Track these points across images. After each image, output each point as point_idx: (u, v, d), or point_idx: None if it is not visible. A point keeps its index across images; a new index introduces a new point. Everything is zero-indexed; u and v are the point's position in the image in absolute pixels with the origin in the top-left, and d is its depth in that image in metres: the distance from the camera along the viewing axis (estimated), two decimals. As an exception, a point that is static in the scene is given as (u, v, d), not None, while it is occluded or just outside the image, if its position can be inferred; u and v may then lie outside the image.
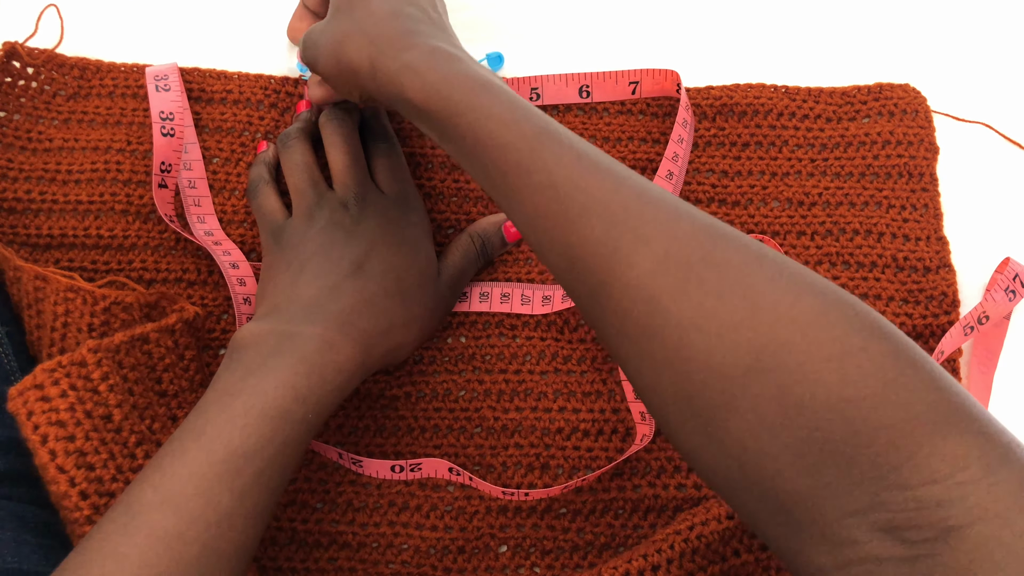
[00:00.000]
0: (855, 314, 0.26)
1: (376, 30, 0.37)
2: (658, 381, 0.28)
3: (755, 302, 0.27)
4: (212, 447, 0.33)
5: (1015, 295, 0.45)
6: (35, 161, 0.48)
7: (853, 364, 0.25)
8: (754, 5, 0.54)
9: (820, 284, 0.27)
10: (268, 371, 0.36)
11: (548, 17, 0.54)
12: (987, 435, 0.24)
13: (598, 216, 0.30)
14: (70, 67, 0.50)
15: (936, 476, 0.23)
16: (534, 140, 0.32)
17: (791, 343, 0.26)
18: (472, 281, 0.47)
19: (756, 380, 0.26)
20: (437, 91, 0.34)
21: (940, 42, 0.53)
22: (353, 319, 0.39)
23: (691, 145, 0.49)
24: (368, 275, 0.41)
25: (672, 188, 0.47)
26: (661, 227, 0.29)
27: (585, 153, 0.32)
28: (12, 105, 0.49)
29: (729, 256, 0.28)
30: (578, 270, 0.31)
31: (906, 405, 0.24)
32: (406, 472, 0.43)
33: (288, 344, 0.37)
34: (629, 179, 0.31)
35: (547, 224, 0.31)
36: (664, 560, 0.39)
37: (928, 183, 0.48)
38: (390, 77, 0.36)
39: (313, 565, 0.43)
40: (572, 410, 0.45)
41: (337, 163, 0.44)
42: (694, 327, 0.27)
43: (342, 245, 0.41)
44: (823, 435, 0.25)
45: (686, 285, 0.28)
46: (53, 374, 0.36)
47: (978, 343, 0.46)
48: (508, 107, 0.33)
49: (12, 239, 0.47)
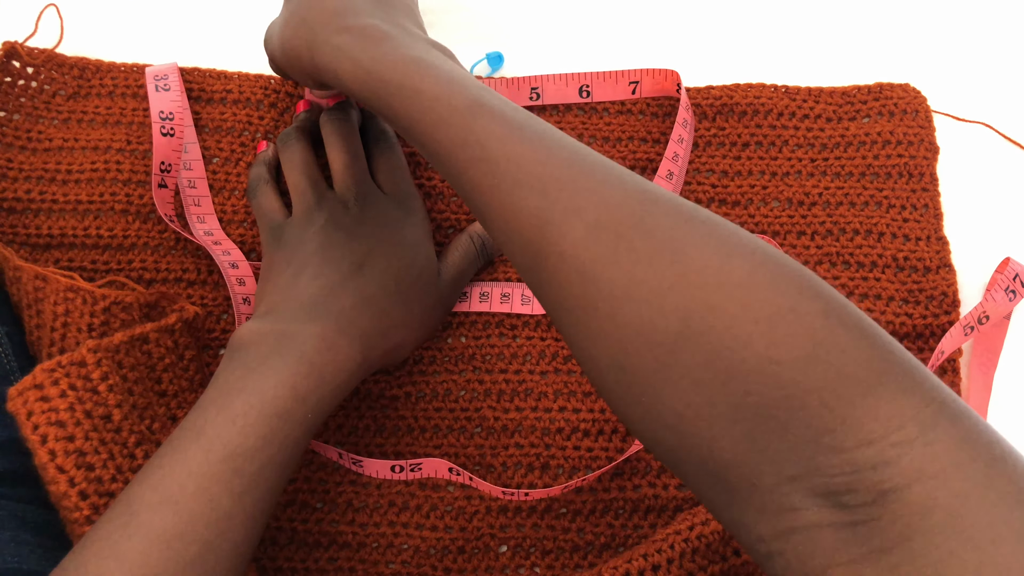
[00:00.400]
0: (784, 274, 0.25)
1: (312, 14, 0.37)
2: (595, 351, 0.28)
3: (684, 266, 0.26)
4: (211, 447, 0.33)
5: (1015, 295, 0.45)
6: (35, 161, 0.48)
7: (782, 325, 0.24)
8: (754, 5, 0.54)
9: (751, 245, 0.26)
10: (267, 370, 0.35)
11: (548, 17, 0.54)
12: (921, 392, 0.23)
13: (530, 187, 0.30)
14: (70, 67, 0.50)
15: (871, 437, 0.23)
16: (466, 113, 0.32)
17: (719, 306, 0.25)
18: (472, 281, 0.47)
19: (686, 346, 0.25)
20: (369, 73, 0.34)
21: (940, 42, 0.53)
22: (353, 319, 0.39)
23: (691, 145, 0.49)
24: (368, 275, 0.41)
25: (672, 188, 0.47)
26: (592, 195, 0.29)
27: (518, 123, 0.31)
28: (12, 105, 0.49)
29: (659, 221, 0.27)
30: (516, 243, 0.30)
31: (837, 366, 0.24)
32: (406, 472, 0.43)
33: (288, 343, 0.37)
34: (563, 148, 0.31)
35: (485, 198, 0.31)
36: (664, 560, 0.39)
37: (928, 183, 0.48)
38: (325, 63, 0.36)
39: (313, 565, 0.43)
40: (572, 410, 0.45)
41: (337, 163, 0.44)
42: (625, 295, 0.27)
43: (342, 245, 0.41)
44: (755, 399, 0.24)
45: (616, 253, 0.27)
46: (53, 374, 0.36)
47: (978, 343, 0.46)
48: (438, 82, 0.33)
49: (12, 239, 0.47)
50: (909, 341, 0.46)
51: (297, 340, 0.37)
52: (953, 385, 0.45)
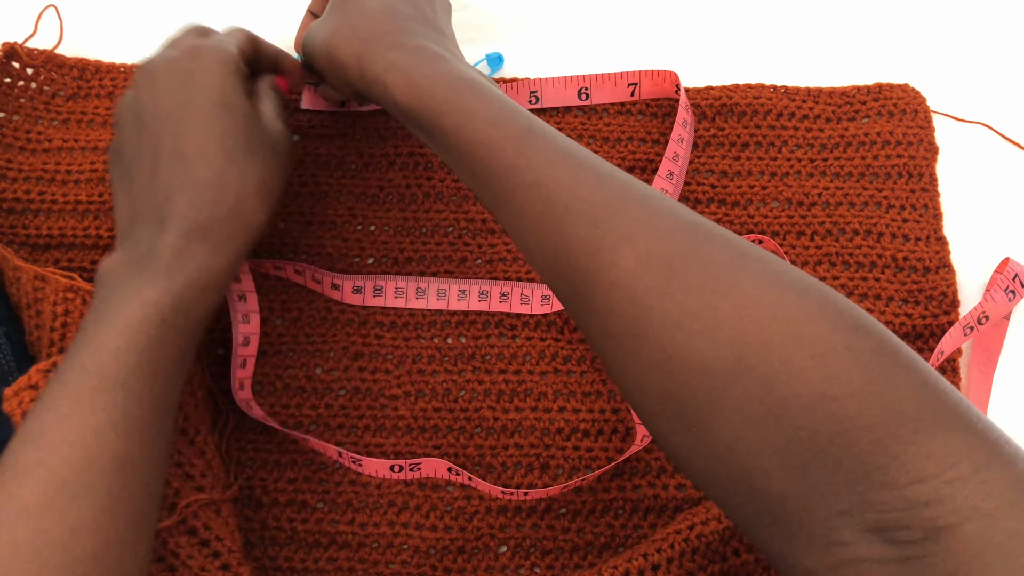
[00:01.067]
0: (839, 311, 0.26)
1: (366, 27, 0.37)
2: (643, 381, 0.28)
3: (738, 300, 0.26)
4: (67, 377, 0.32)
5: (1015, 295, 0.45)
6: (34, 161, 0.48)
7: (837, 361, 0.25)
8: (754, 5, 0.54)
9: (804, 281, 0.27)
10: (122, 295, 0.33)
11: (547, 17, 0.54)
12: (975, 432, 0.23)
13: (582, 214, 0.30)
14: (69, 68, 0.50)
15: (924, 475, 0.23)
16: (519, 139, 0.32)
17: (774, 341, 0.25)
18: (471, 279, 0.47)
19: (740, 379, 0.25)
20: (422, 90, 0.34)
21: (940, 42, 0.53)
22: (174, 208, 0.35)
23: (691, 145, 0.49)
24: (170, 158, 0.36)
25: (672, 188, 0.47)
26: (644, 225, 0.29)
27: (570, 151, 0.32)
28: (11, 106, 0.49)
29: (712, 254, 0.28)
30: (563, 269, 0.30)
31: (892, 402, 0.24)
32: (405, 472, 0.43)
33: (134, 267, 0.34)
34: (613, 177, 0.31)
35: (533, 223, 0.31)
36: (664, 560, 0.39)
37: (928, 183, 0.48)
38: (376, 75, 0.36)
39: (313, 565, 0.43)
40: (572, 410, 0.45)
41: None
42: (677, 326, 0.27)
43: (135, 141, 0.37)
44: (808, 434, 0.24)
45: (669, 284, 0.27)
46: (48, 374, 0.36)
47: (978, 343, 0.46)
48: (494, 106, 0.33)
49: (11, 239, 0.47)
50: (909, 341, 0.46)
51: (141, 260, 0.34)
52: (953, 385, 0.45)
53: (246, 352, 0.45)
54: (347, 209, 0.49)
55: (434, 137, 0.35)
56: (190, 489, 0.39)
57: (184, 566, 0.37)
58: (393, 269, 0.47)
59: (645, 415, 0.29)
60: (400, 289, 0.46)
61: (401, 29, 0.37)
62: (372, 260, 0.48)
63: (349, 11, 0.38)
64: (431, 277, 0.47)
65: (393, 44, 0.36)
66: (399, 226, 0.48)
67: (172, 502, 0.38)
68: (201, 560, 0.38)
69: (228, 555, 0.38)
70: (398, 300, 0.46)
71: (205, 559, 0.38)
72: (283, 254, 0.48)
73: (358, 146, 0.50)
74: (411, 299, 0.46)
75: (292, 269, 0.46)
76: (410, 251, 0.48)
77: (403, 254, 0.48)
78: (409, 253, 0.48)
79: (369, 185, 0.49)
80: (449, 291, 0.46)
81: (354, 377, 0.46)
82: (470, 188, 0.35)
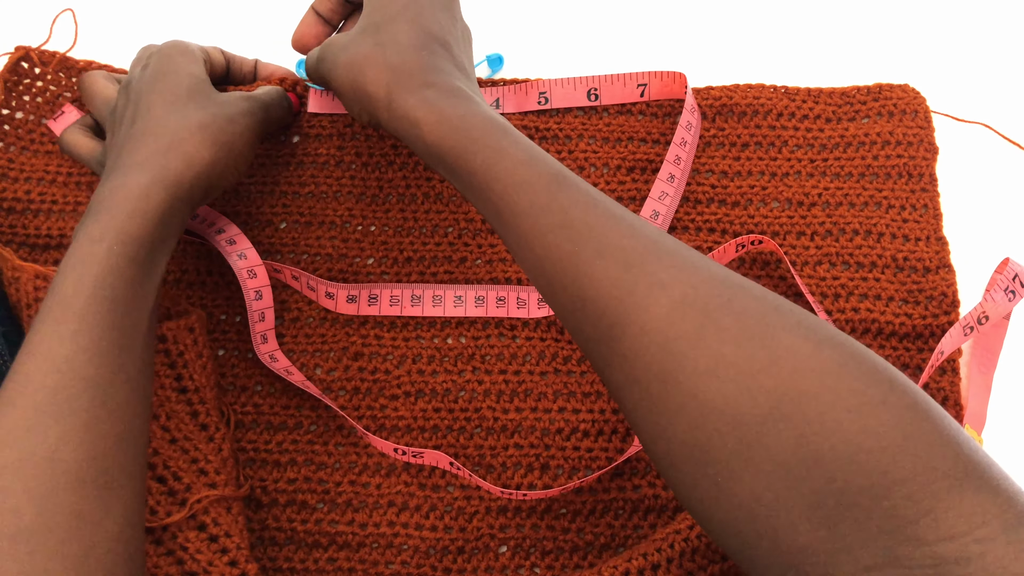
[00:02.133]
0: (874, 367, 0.26)
1: (398, 60, 0.37)
2: (669, 429, 0.28)
3: (774, 350, 0.26)
4: (37, 319, 0.33)
5: (1015, 295, 0.45)
6: (36, 162, 0.48)
7: (873, 415, 0.25)
8: (754, 5, 0.54)
9: (839, 336, 0.27)
10: (77, 237, 0.36)
11: (547, 18, 0.54)
12: (1005, 492, 0.23)
13: (613, 258, 0.30)
14: (79, 70, 0.50)
15: (954, 532, 0.22)
16: (552, 182, 0.33)
17: (811, 392, 0.25)
18: (468, 285, 0.47)
19: (773, 429, 0.25)
20: (454, 128, 0.35)
21: (940, 42, 0.53)
22: (134, 151, 0.39)
23: (695, 148, 0.49)
24: (141, 114, 0.40)
25: (673, 191, 0.47)
26: (678, 273, 0.29)
27: (602, 199, 0.33)
28: (17, 103, 0.49)
29: (747, 304, 0.28)
30: (589, 311, 0.31)
31: (925, 458, 0.24)
32: (408, 456, 0.43)
33: (88, 210, 0.37)
34: (645, 227, 0.31)
35: (560, 265, 0.32)
36: (664, 560, 0.39)
37: (928, 183, 0.48)
38: (406, 110, 0.36)
39: (313, 565, 0.43)
40: (572, 410, 0.45)
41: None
42: (711, 373, 0.27)
43: (122, 106, 0.42)
44: (840, 486, 0.24)
45: (703, 331, 0.28)
46: None
47: (978, 343, 0.46)
48: (524, 149, 0.34)
49: (11, 238, 0.47)
50: (909, 341, 0.46)
51: (98, 196, 0.37)
52: (953, 385, 0.45)
53: (261, 305, 0.45)
54: (347, 209, 0.49)
55: (461, 176, 0.35)
56: (202, 485, 0.39)
57: (192, 560, 0.38)
58: (393, 269, 0.47)
59: (667, 464, 0.29)
60: (395, 297, 0.46)
61: (433, 67, 0.37)
62: (372, 260, 0.48)
63: (383, 40, 0.38)
64: (426, 284, 0.47)
65: (425, 82, 0.37)
66: (399, 226, 0.48)
67: (183, 497, 0.39)
68: (209, 555, 0.38)
69: (236, 552, 0.39)
70: (393, 308, 0.46)
71: (213, 554, 0.38)
72: (283, 254, 0.48)
73: (358, 146, 0.50)
74: (406, 307, 0.46)
75: (290, 274, 0.46)
76: (410, 251, 0.48)
77: (403, 254, 0.48)
78: (409, 253, 0.48)
79: (369, 185, 0.49)
80: (445, 297, 0.46)
81: (354, 377, 0.46)
82: (494, 228, 0.35)
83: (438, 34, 0.39)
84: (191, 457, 0.40)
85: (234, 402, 0.45)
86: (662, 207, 0.47)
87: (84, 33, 0.53)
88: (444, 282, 0.47)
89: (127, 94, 0.42)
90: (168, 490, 0.39)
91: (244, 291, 0.44)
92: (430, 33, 0.38)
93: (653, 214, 0.47)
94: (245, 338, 0.46)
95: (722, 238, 0.48)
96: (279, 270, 0.46)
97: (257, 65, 0.49)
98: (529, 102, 0.50)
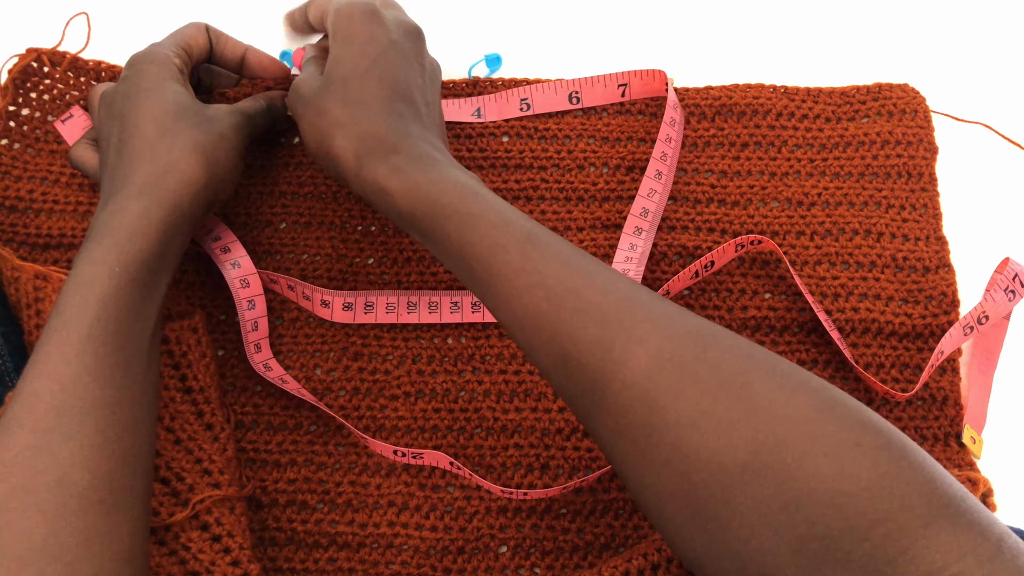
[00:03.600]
0: (847, 409, 0.27)
1: (367, 126, 0.38)
2: (657, 480, 0.29)
3: (751, 401, 0.27)
4: (43, 340, 0.34)
5: (1015, 295, 0.45)
6: (40, 161, 0.48)
7: (848, 458, 0.25)
8: (754, 5, 0.54)
9: (812, 382, 0.28)
10: (79, 259, 0.36)
11: (545, 18, 0.54)
12: (980, 526, 0.24)
13: (590, 316, 0.31)
14: (88, 71, 0.50)
15: (933, 568, 0.23)
16: (524, 242, 0.33)
17: (788, 440, 0.26)
18: (464, 291, 0.47)
19: (755, 477, 0.26)
20: (425, 194, 0.35)
21: (940, 42, 0.53)
22: (127, 174, 0.39)
23: (680, 144, 0.49)
24: (129, 133, 0.40)
25: (661, 188, 0.47)
26: (653, 327, 0.30)
27: (574, 255, 0.33)
28: (24, 99, 0.49)
29: (722, 355, 0.29)
30: (571, 369, 0.31)
31: (901, 497, 0.24)
32: (408, 458, 0.43)
33: (90, 232, 0.37)
34: (619, 281, 0.32)
35: (538, 322, 0.32)
36: (664, 559, 0.39)
37: (927, 183, 0.48)
38: (376, 179, 0.37)
39: (313, 565, 0.43)
40: (572, 410, 0.45)
41: None
42: (692, 425, 0.28)
43: (105, 124, 0.42)
44: (821, 530, 0.25)
45: (682, 384, 0.28)
46: None
47: (978, 343, 0.46)
48: (497, 211, 0.34)
49: (12, 237, 0.47)
50: (909, 341, 0.46)
51: (100, 218, 0.37)
52: (953, 385, 0.45)
53: (254, 315, 0.45)
54: (347, 209, 0.49)
55: (435, 241, 0.36)
56: (206, 485, 0.40)
57: (195, 560, 0.38)
58: (392, 269, 0.47)
59: (657, 514, 0.29)
60: (391, 304, 0.46)
61: (402, 132, 0.38)
62: (372, 260, 0.48)
63: (351, 100, 0.38)
64: (421, 291, 0.47)
65: (394, 147, 0.37)
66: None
67: (186, 497, 0.39)
68: (211, 555, 0.38)
69: (239, 551, 0.39)
70: (389, 315, 0.46)
71: (216, 554, 0.38)
72: (283, 254, 0.48)
73: (358, 146, 0.50)
74: (402, 314, 0.46)
75: (285, 284, 0.46)
76: (409, 251, 0.48)
77: (403, 254, 0.48)
78: (408, 253, 0.48)
79: (369, 185, 0.49)
80: (440, 304, 0.46)
81: (354, 377, 0.46)
82: (471, 291, 0.36)
83: (405, 92, 0.39)
84: (195, 457, 0.40)
85: (234, 402, 0.45)
86: (651, 204, 0.47)
87: (97, 36, 0.52)
88: (443, 282, 0.47)
89: (109, 111, 0.42)
90: (171, 490, 0.39)
91: (236, 301, 0.44)
92: (397, 92, 0.39)
93: (643, 212, 0.47)
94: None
95: (722, 238, 0.48)
96: (275, 280, 0.46)
97: (247, 52, 0.48)
98: (511, 109, 0.50)
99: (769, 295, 0.47)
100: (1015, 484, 0.44)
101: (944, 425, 0.44)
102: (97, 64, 0.50)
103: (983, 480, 0.42)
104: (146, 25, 0.53)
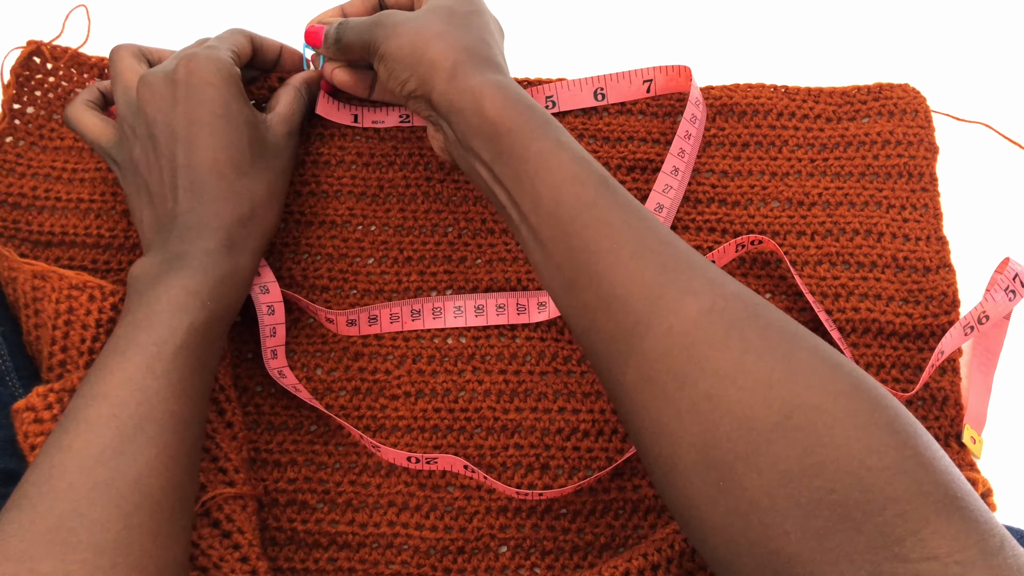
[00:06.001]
0: (882, 395, 0.28)
1: (469, 41, 0.39)
2: (678, 427, 0.29)
3: (793, 365, 0.28)
4: (126, 349, 0.35)
5: (1015, 295, 0.45)
6: (43, 158, 0.48)
7: (879, 436, 0.26)
8: (754, 5, 0.54)
9: (850, 365, 0.29)
10: (164, 287, 0.37)
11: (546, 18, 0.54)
12: (987, 523, 0.25)
13: (649, 262, 0.32)
14: (90, 67, 0.50)
15: (937, 553, 0.24)
16: (600, 183, 0.34)
17: (823, 407, 0.27)
18: (467, 295, 0.47)
19: (782, 438, 0.27)
20: (518, 112, 0.36)
21: (940, 42, 0.53)
22: (211, 218, 0.40)
23: (700, 141, 0.49)
24: (198, 168, 0.40)
25: (677, 184, 0.47)
26: (709, 284, 0.31)
27: (641, 209, 0.34)
28: (28, 98, 0.49)
29: (771, 320, 0.30)
30: (614, 308, 0.32)
31: (920, 482, 0.25)
32: (422, 463, 0.43)
33: (167, 266, 0.38)
34: (679, 241, 0.33)
35: (592, 260, 0.33)
36: (664, 560, 0.39)
37: (928, 183, 0.48)
38: (470, 85, 0.37)
39: (313, 565, 0.43)
40: (572, 410, 0.45)
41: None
42: (730, 378, 0.28)
43: (150, 160, 0.41)
44: (837, 498, 0.25)
45: (728, 339, 0.29)
46: (46, 399, 0.38)
47: (978, 343, 0.46)
48: (578, 149, 0.36)
49: (13, 234, 0.47)
50: (909, 341, 0.46)
51: (173, 264, 0.38)
52: (953, 385, 0.45)
53: (273, 320, 0.45)
54: (347, 209, 0.49)
55: (508, 155, 0.36)
56: (220, 483, 0.40)
57: (204, 555, 0.38)
58: (393, 269, 0.47)
59: (668, 465, 0.30)
60: (395, 314, 0.46)
61: (496, 60, 0.39)
62: (372, 260, 0.48)
63: (455, 22, 0.40)
64: (424, 298, 0.47)
65: (491, 67, 0.38)
66: (399, 226, 0.48)
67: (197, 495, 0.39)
68: (221, 551, 0.38)
69: (248, 548, 0.39)
70: (394, 325, 0.46)
71: (225, 550, 0.39)
72: (284, 254, 0.48)
73: (359, 146, 0.50)
74: (407, 322, 0.46)
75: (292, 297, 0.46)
76: (410, 251, 0.48)
77: (403, 254, 0.48)
78: (409, 253, 0.48)
79: (369, 185, 0.49)
80: (444, 309, 0.46)
81: (354, 377, 0.46)
82: (516, 219, 0.36)
83: (494, 38, 0.41)
84: (211, 455, 0.41)
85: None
86: (666, 200, 0.47)
87: (97, 29, 0.52)
88: (443, 282, 0.47)
89: (151, 127, 0.41)
90: None
91: (256, 305, 0.44)
92: (493, 36, 0.41)
93: (657, 207, 0.47)
94: (246, 339, 0.46)
95: (722, 238, 0.48)
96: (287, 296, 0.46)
97: (282, 52, 0.48)
98: None
99: (770, 295, 0.47)
100: (1015, 484, 0.44)
101: (944, 425, 0.44)
102: (100, 60, 0.50)
103: (983, 480, 0.42)
104: (145, 17, 0.53)
